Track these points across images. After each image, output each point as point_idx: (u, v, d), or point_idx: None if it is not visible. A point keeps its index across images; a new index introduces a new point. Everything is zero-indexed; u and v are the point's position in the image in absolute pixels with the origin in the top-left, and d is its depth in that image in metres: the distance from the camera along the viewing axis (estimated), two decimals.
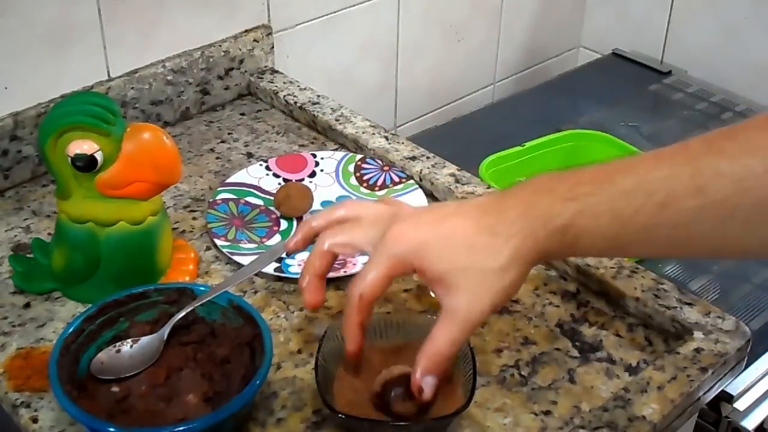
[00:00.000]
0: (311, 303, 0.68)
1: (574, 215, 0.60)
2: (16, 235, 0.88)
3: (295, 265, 0.83)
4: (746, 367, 0.79)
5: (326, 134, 1.05)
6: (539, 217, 0.60)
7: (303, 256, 0.84)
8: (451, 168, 0.96)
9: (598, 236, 0.61)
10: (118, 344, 0.70)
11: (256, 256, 0.80)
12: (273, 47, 1.15)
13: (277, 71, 1.15)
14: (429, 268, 0.61)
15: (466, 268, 0.61)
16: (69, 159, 0.72)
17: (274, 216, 0.91)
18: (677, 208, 0.58)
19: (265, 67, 1.15)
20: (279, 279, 0.83)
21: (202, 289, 0.72)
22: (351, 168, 0.97)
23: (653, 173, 0.59)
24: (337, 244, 0.67)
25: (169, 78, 1.05)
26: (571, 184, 0.61)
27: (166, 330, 0.70)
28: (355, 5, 1.24)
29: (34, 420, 0.69)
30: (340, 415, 0.64)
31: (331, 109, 1.07)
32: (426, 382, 0.62)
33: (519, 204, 0.62)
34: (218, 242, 0.85)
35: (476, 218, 0.62)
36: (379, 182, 0.95)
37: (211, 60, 1.08)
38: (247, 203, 0.92)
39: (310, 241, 0.71)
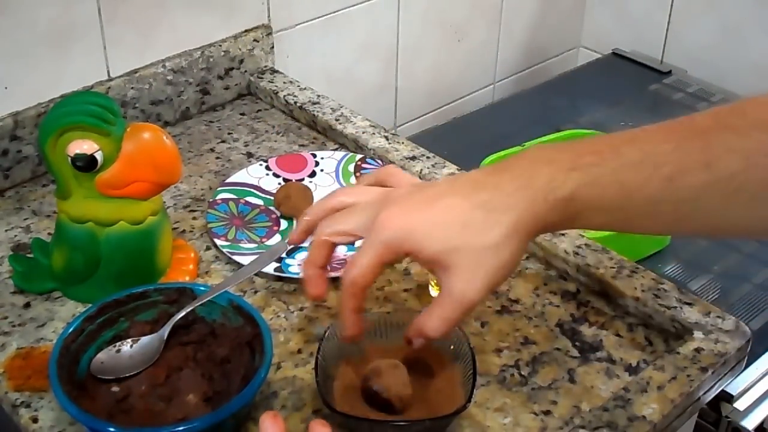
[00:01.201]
0: (313, 295, 0.67)
1: (579, 186, 0.58)
2: (16, 235, 0.88)
3: (295, 265, 0.83)
4: (746, 367, 0.79)
5: (326, 134, 1.05)
6: (540, 189, 0.58)
7: (303, 256, 0.84)
8: (451, 168, 0.96)
9: (602, 208, 0.59)
10: (118, 344, 0.70)
11: (256, 256, 0.80)
12: (273, 47, 1.15)
13: (277, 71, 1.15)
14: (421, 251, 0.60)
15: (459, 247, 0.59)
16: (69, 159, 0.72)
17: (274, 216, 0.91)
18: (684, 182, 0.57)
19: (265, 66, 1.15)
20: (279, 279, 0.83)
21: (202, 289, 0.72)
22: (351, 168, 0.97)
23: (661, 146, 0.58)
24: (333, 232, 0.65)
25: (169, 78, 1.05)
26: (574, 155, 0.59)
27: (166, 330, 0.70)
28: (355, 5, 1.24)
29: (34, 420, 0.69)
30: (340, 415, 0.64)
31: (331, 108, 1.07)
32: (415, 341, 0.63)
33: (517, 177, 0.59)
34: (218, 242, 0.85)
35: (470, 194, 0.60)
36: None
37: (211, 60, 1.08)
38: (247, 203, 0.92)
39: (310, 233, 0.70)
